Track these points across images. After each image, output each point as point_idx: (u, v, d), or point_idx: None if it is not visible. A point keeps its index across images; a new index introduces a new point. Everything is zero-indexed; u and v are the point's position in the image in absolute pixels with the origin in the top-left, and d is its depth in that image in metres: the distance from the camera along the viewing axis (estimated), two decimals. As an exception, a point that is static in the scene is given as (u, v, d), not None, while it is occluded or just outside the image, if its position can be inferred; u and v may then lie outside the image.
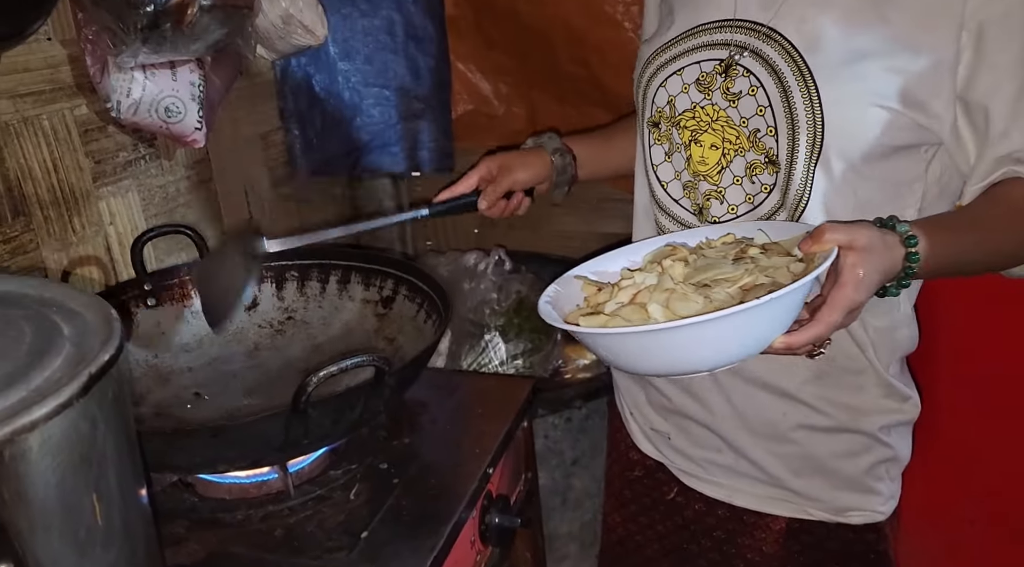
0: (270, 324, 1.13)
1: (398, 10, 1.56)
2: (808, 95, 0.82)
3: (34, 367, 0.49)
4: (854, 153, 0.83)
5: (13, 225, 1.05)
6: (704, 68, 0.89)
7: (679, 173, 0.94)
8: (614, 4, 1.41)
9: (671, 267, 0.78)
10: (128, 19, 1.03)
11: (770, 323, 0.68)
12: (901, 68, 0.79)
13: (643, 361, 0.72)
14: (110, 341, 0.52)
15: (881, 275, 0.73)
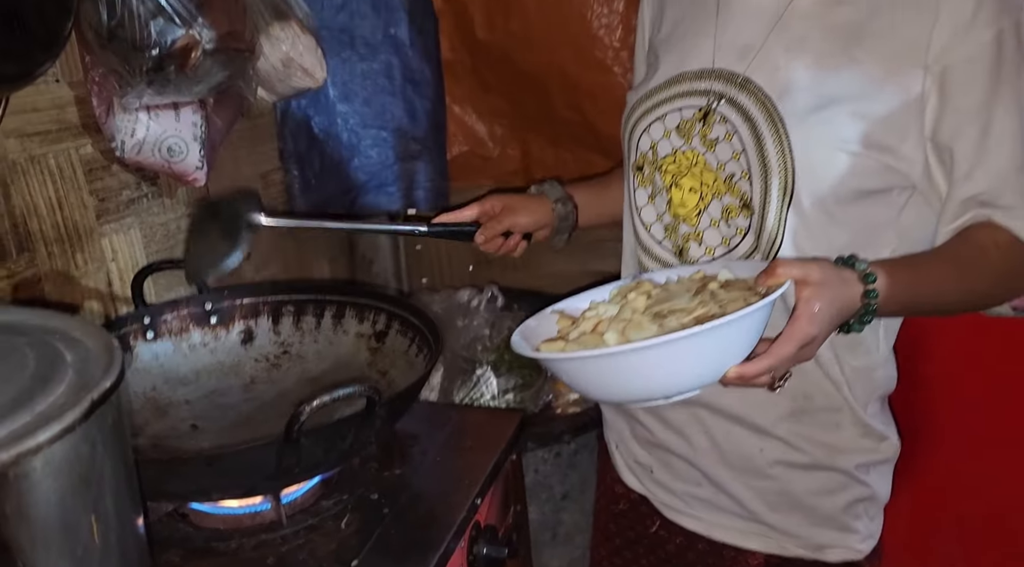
0: (266, 358, 1.15)
1: (396, 54, 1.61)
2: (779, 141, 0.85)
3: (38, 392, 0.51)
4: (825, 197, 0.86)
5: (18, 261, 1.08)
6: (684, 115, 0.93)
7: (661, 215, 0.97)
8: (604, 50, 1.46)
9: (633, 299, 0.82)
10: (134, 62, 1.08)
11: (717, 351, 0.71)
12: (867, 112, 0.83)
13: (600, 386, 0.75)
14: (111, 368, 0.55)
15: (836, 310, 0.76)
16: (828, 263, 0.78)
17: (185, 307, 1.14)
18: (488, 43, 1.57)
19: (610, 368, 0.72)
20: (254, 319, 1.15)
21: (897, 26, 0.83)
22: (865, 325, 0.80)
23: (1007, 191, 0.83)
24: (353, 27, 1.58)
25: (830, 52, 0.85)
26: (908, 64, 0.82)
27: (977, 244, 0.84)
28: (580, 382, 0.76)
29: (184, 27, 1.07)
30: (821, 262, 0.78)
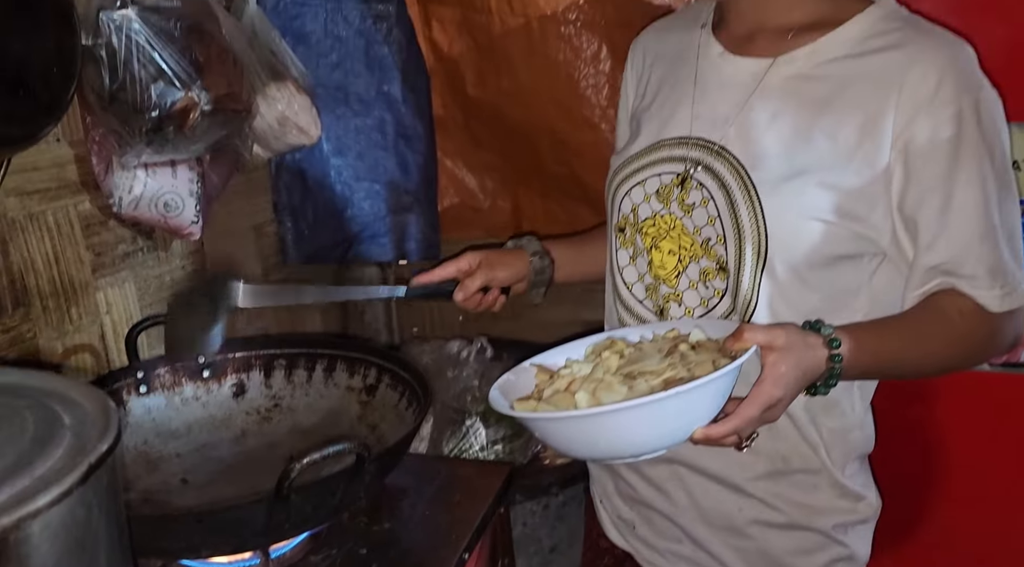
0: (257, 411, 1.16)
1: (389, 110, 1.65)
2: (752, 208, 0.89)
3: (37, 456, 0.53)
4: (798, 262, 0.89)
5: (13, 315, 1.10)
6: (663, 180, 0.97)
7: (642, 276, 1.00)
8: (591, 108, 1.51)
9: (607, 359, 0.85)
10: (134, 123, 1.11)
11: (683, 414, 0.74)
12: (836, 183, 0.86)
13: (571, 444, 0.78)
14: (107, 432, 0.56)
15: (801, 373, 0.78)
16: (794, 328, 0.81)
17: (178, 361, 1.15)
18: (479, 100, 1.61)
19: (579, 429, 0.75)
20: (246, 373, 1.17)
21: (863, 102, 0.86)
22: (830, 388, 0.83)
23: (969, 261, 0.86)
24: (348, 85, 1.62)
25: (800, 125, 0.89)
26: (874, 138, 0.86)
27: (941, 311, 0.87)
28: (552, 440, 0.79)
29: (184, 89, 1.11)
30: (787, 327, 0.81)
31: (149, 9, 1.08)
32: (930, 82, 0.84)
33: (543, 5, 1.44)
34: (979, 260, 0.86)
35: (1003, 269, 0.86)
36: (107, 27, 1.05)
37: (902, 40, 0.87)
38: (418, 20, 1.57)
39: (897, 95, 0.85)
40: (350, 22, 1.58)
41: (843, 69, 0.88)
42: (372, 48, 1.60)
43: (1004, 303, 0.87)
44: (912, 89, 0.84)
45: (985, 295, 0.86)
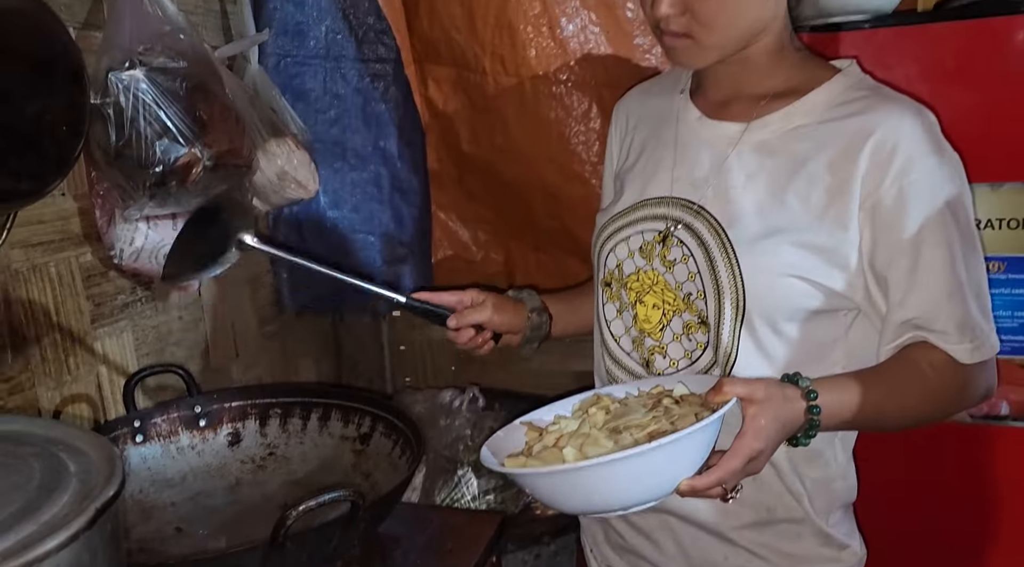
0: (252, 460, 1.17)
1: (385, 165, 1.70)
2: (729, 265, 0.93)
3: (44, 502, 0.55)
4: (775, 316, 0.93)
5: (12, 366, 1.12)
6: (646, 237, 1.01)
7: (628, 329, 1.03)
8: (582, 164, 1.55)
9: (594, 414, 0.87)
10: (138, 178, 1.14)
11: (667, 466, 0.76)
12: (809, 242, 0.90)
13: (560, 498, 0.80)
14: (112, 479, 0.58)
15: (781, 425, 0.81)
16: (773, 381, 0.84)
17: (175, 410, 1.17)
18: (473, 156, 1.66)
19: (568, 483, 0.77)
20: (242, 422, 1.18)
21: (831, 166, 0.91)
22: (811, 439, 0.86)
23: (939, 317, 0.89)
24: (345, 140, 1.67)
25: (774, 187, 0.94)
26: (842, 201, 0.90)
27: (914, 364, 0.90)
28: (542, 495, 0.81)
29: (187, 146, 1.15)
30: (766, 380, 0.84)
31: (156, 70, 1.12)
32: (893, 147, 0.88)
33: (535, 66, 1.50)
34: (948, 316, 0.89)
35: (971, 323, 0.90)
36: (116, 87, 1.09)
37: (866, 107, 0.92)
38: (415, 79, 1.63)
39: (862, 160, 0.89)
40: (348, 81, 1.63)
41: (812, 134, 0.93)
42: (370, 105, 1.65)
43: (974, 355, 0.90)
44: (876, 153, 0.89)
45: (955, 348, 0.89)
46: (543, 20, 1.48)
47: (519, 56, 1.50)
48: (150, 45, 1.14)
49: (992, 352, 0.92)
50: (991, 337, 0.92)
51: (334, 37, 1.61)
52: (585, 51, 1.49)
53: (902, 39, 1.19)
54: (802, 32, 1.23)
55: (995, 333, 0.93)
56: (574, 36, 1.49)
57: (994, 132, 1.18)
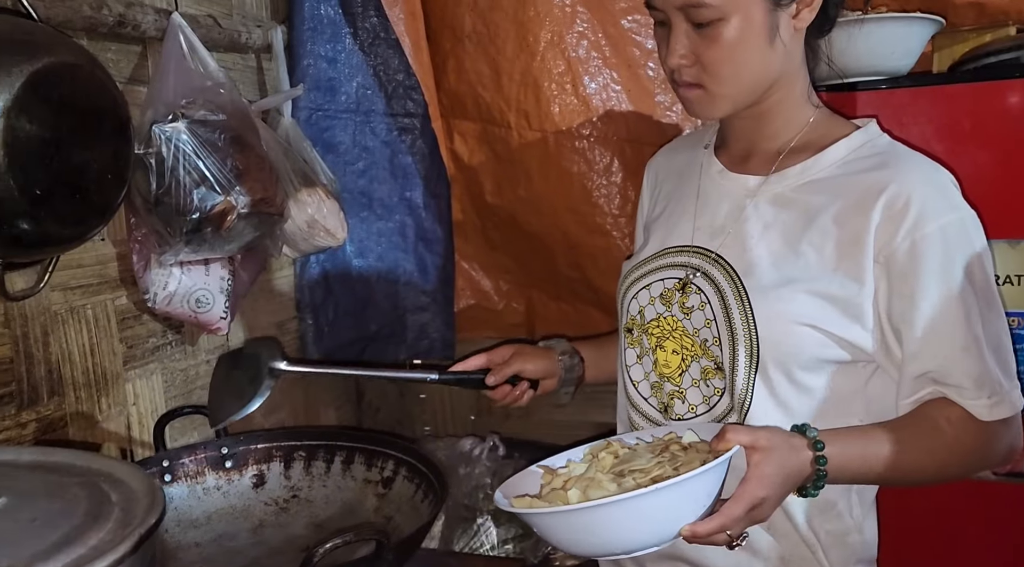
0: (276, 502, 1.19)
1: (411, 215, 1.74)
2: (744, 313, 0.95)
3: (91, 528, 0.57)
4: (789, 365, 0.94)
5: (47, 405, 1.15)
6: (666, 284, 1.04)
7: (647, 374, 1.05)
8: (604, 216, 1.59)
9: (602, 459, 0.89)
10: (176, 224, 1.19)
11: (667, 510, 0.77)
12: (824, 292, 0.92)
13: (565, 539, 0.81)
14: (154, 507, 0.60)
15: (786, 474, 0.82)
16: (778, 430, 0.86)
17: (202, 451, 1.19)
18: (496, 207, 1.70)
19: (570, 523, 0.79)
20: (267, 464, 1.20)
21: (845, 219, 0.93)
22: (819, 490, 0.86)
23: (954, 372, 0.89)
24: (372, 191, 1.72)
25: (789, 237, 0.96)
26: (856, 254, 0.92)
27: (931, 419, 0.91)
28: (548, 535, 0.83)
29: (223, 194, 1.20)
30: (771, 429, 0.85)
31: (197, 122, 1.18)
32: (907, 201, 0.90)
33: (559, 121, 1.55)
34: (964, 371, 0.89)
35: (990, 379, 0.89)
36: (159, 138, 1.15)
37: (881, 162, 0.95)
38: (441, 133, 1.68)
39: (875, 214, 0.91)
40: (377, 134, 1.69)
41: (828, 188, 0.96)
42: (397, 157, 1.71)
43: (993, 412, 0.89)
44: (888, 208, 0.91)
45: (973, 404, 0.89)
46: (567, 78, 1.53)
47: (543, 112, 1.55)
48: (192, 99, 1.20)
49: (1014, 410, 0.91)
50: (1012, 394, 0.91)
51: (364, 92, 1.67)
52: (607, 108, 1.54)
53: (918, 99, 1.22)
54: (819, 91, 1.27)
55: (1018, 390, 0.92)
56: (597, 93, 1.54)
57: (1012, 189, 1.20)
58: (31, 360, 1.11)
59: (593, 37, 1.53)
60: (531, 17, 1.51)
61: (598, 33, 1.53)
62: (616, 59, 1.54)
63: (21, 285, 1.08)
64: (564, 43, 1.52)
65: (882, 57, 1.24)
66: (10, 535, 0.53)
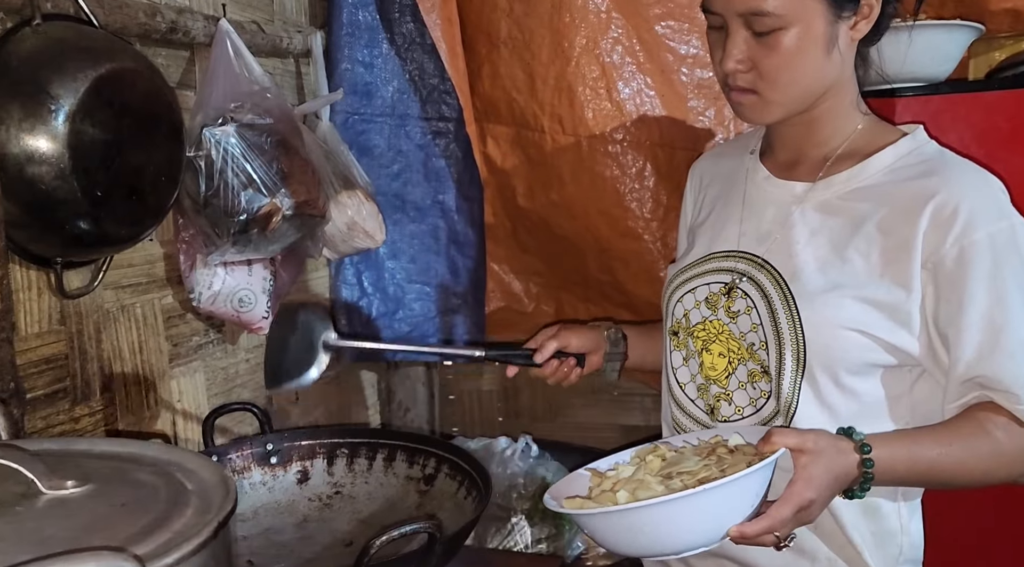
0: (319, 498, 1.21)
1: (443, 218, 1.77)
2: (791, 317, 0.96)
3: (173, 514, 0.59)
4: (836, 369, 0.95)
5: (99, 400, 1.18)
6: (712, 289, 1.05)
7: (694, 376, 1.07)
8: (636, 220, 1.60)
9: (650, 462, 0.91)
10: (223, 225, 1.22)
11: (713, 511, 0.79)
12: (871, 298, 0.93)
13: (614, 540, 0.84)
14: (228, 496, 0.63)
15: (833, 477, 0.84)
16: (825, 433, 0.87)
17: (248, 447, 1.22)
18: (528, 210, 1.72)
19: (619, 524, 0.81)
20: (310, 460, 1.23)
21: (892, 226, 0.94)
22: (866, 492, 0.88)
23: (1003, 377, 0.90)
24: (406, 193, 1.74)
25: (836, 243, 0.97)
26: (903, 260, 0.93)
27: (978, 423, 0.91)
28: (597, 536, 0.85)
29: (269, 196, 1.22)
30: (818, 432, 0.87)
31: (245, 126, 1.21)
32: (955, 207, 0.91)
33: (592, 126, 1.57)
34: (1013, 376, 0.90)
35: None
36: (208, 141, 1.18)
37: (929, 169, 0.95)
38: (475, 137, 1.70)
39: (923, 220, 0.92)
40: (412, 137, 1.71)
41: (875, 195, 0.97)
42: (431, 161, 1.73)
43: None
44: (937, 215, 0.91)
45: (1020, 409, 0.90)
46: (601, 83, 1.55)
47: (577, 116, 1.57)
48: (240, 103, 1.23)
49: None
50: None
51: (400, 97, 1.69)
52: (641, 113, 1.56)
53: (955, 106, 1.23)
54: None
55: None
56: (630, 98, 1.56)
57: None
58: (85, 356, 1.14)
59: (627, 43, 1.55)
60: (566, 23, 1.53)
61: (632, 39, 1.55)
62: (650, 64, 1.55)
63: (77, 283, 1.11)
64: (599, 48, 1.54)
65: (921, 64, 1.25)
66: (105, 519, 0.56)
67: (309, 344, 1.09)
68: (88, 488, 0.60)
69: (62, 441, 0.77)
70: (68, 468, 0.63)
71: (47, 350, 1.08)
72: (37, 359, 1.07)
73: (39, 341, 1.07)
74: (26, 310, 1.05)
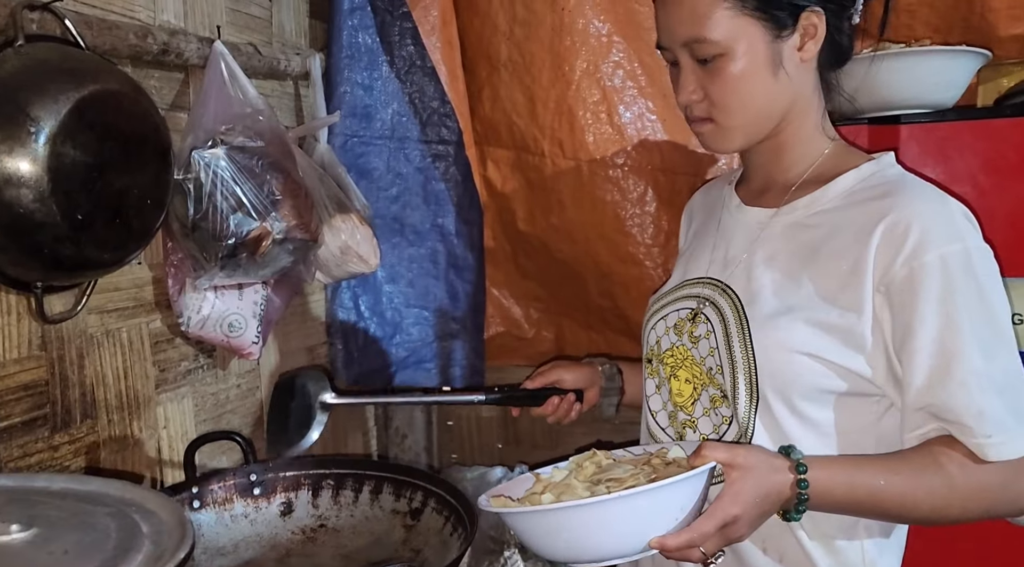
0: (303, 531, 1.18)
1: (442, 241, 1.74)
2: (743, 341, 0.95)
3: (120, 561, 0.56)
4: (789, 394, 0.93)
5: (80, 427, 1.15)
6: (680, 315, 1.05)
7: (665, 404, 1.06)
8: (637, 246, 1.58)
9: (585, 468, 0.90)
10: (211, 249, 1.19)
11: (630, 519, 0.78)
12: (823, 321, 0.91)
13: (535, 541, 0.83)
14: (184, 542, 0.60)
15: (763, 494, 0.81)
16: (759, 449, 0.86)
17: (231, 478, 1.18)
18: (528, 234, 1.69)
19: (538, 525, 0.81)
20: (295, 492, 1.19)
21: (845, 250, 0.93)
22: (801, 514, 0.85)
23: (954, 406, 0.86)
24: (404, 216, 1.72)
25: (791, 268, 0.96)
26: (856, 284, 0.91)
27: (932, 456, 0.87)
28: (523, 537, 0.85)
29: (259, 220, 1.20)
30: (752, 447, 0.86)
31: (236, 148, 1.19)
32: (907, 227, 0.89)
33: (593, 150, 1.54)
34: (961, 406, 0.86)
35: (992, 417, 0.85)
36: (198, 164, 1.16)
37: (884, 192, 0.94)
38: (475, 160, 1.68)
39: (874, 240, 0.90)
40: (411, 160, 1.70)
41: (832, 219, 0.96)
42: (430, 184, 1.71)
43: (1000, 452, 0.85)
44: (888, 234, 0.90)
45: (974, 442, 0.86)
46: (602, 107, 1.53)
47: (577, 140, 1.55)
48: (232, 125, 1.21)
49: (1021, 453, 0.86)
50: (1022, 438, 0.86)
51: (399, 119, 1.68)
52: (642, 137, 1.54)
53: (962, 133, 1.21)
54: (861, 124, 1.26)
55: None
56: (631, 123, 1.54)
57: (1058, 224, 1.17)
58: (66, 383, 1.12)
59: (628, 67, 1.53)
60: (567, 47, 1.52)
61: (634, 62, 1.53)
62: (651, 89, 1.53)
63: (59, 308, 1.09)
64: (599, 72, 1.52)
65: (928, 90, 1.23)
66: (42, 568, 0.53)
67: (308, 407, 1.13)
68: (31, 533, 0.57)
69: (20, 477, 0.74)
70: (17, 509, 0.60)
71: (26, 376, 1.06)
72: (15, 386, 1.04)
73: (18, 367, 1.05)
74: (5, 335, 1.03)
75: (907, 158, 1.22)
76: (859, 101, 1.24)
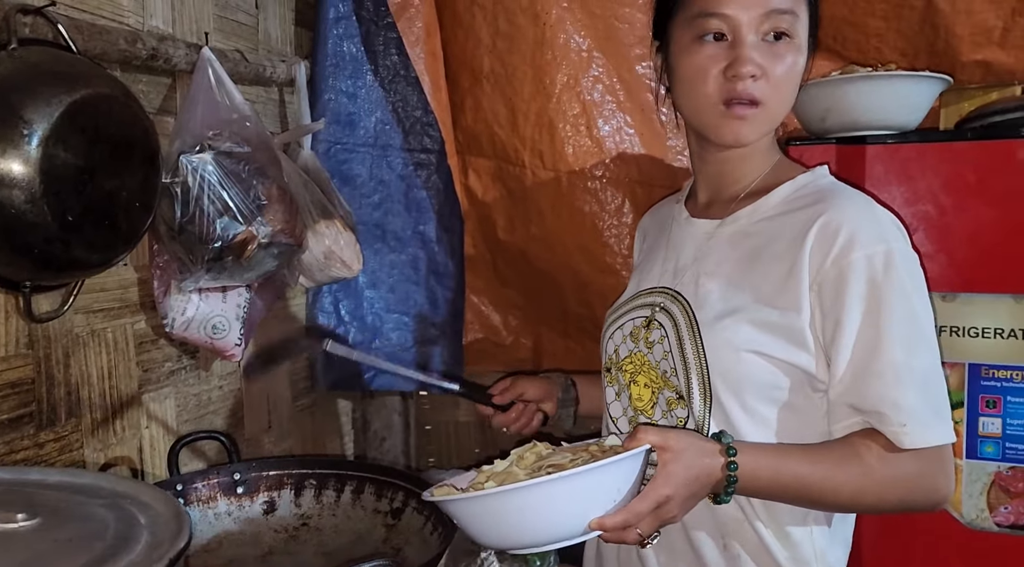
0: (285, 529, 1.20)
1: (423, 248, 1.77)
2: (695, 342, 1.00)
3: (121, 550, 0.58)
4: (741, 392, 0.98)
5: (65, 425, 1.16)
6: (636, 323, 1.10)
7: (625, 409, 1.10)
8: (614, 256, 1.61)
9: (525, 457, 0.94)
10: (197, 252, 1.21)
11: (567, 502, 0.81)
12: (766, 321, 0.97)
13: (478, 529, 0.85)
14: (181, 532, 0.62)
15: (694, 476, 0.86)
16: (692, 433, 0.91)
17: (215, 476, 1.20)
18: (508, 243, 1.73)
19: (480, 512, 0.83)
20: (278, 491, 1.21)
21: (782, 254, 0.98)
22: (730, 496, 0.90)
23: (870, 397, 0.92)
24: (386, 223, 1.75)
25: (735, 273, 1.02)
26: (793, 285, 0.96)
27: (852, 446, 0.93)
28: (468, 527, 0.87)
29: (245, 224, 1.22)
30: (684, 431, 0.91)
31: (223, 153, 1.21)
32: (837, 228, 0.95)
33: (572, 162, 1.58)
34: (878, 396, 0.91)
35: (908, 407, 0.90)
36: (185, 168, 1.18)
37: (817, 199, 1.00)
38: (456, 169, 1.71)
39: (808, 241, 0.96)
40: (393, 168, 1.72)
41: (771, 226, 1.02)
42: (412, 192, 1.74)
43: (915, 440, 0.90)
44: (820, 234, 0.95)
45: (891, 430, 0.91)
46: (581, 120, 1.57)
47: (557, 152, 1.59)
48: (219, 130, 1.23)
49: (936, 440, 0.91)
50: (937, 430, 0.91)
51: (383, 127, 1.71)
52: (620, 150, 1.58)
53: (925, 155, 1.25)
54: (830, 144, 1.30)
55: (947, 428, 0.92)
56: (610, 136, 1.58)
57: (1016, 245, 1.21)
58: (52, 381, 1.13)
59: (608, 81, 1.57)
60: (548, 60, 1.56)
61: (613, 78, 1.57)
62: (630, 103, 1.57)
63: (46, 307, 1.10)
64: (580, 86, 1.56)
65: (891, 112, 1.28)
66: (47, 555, 0.55)
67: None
68: (36, 522, 0.59)
69: (15, 471, 0.76)
70: (18, 500, 0.62)
71: (12, 374, 1.07)
72: (2, 384, 1.06)
73: (4, 365, 1.06)
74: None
75: (872, 177, 1.26)
76: (828, 121, 1.30)
